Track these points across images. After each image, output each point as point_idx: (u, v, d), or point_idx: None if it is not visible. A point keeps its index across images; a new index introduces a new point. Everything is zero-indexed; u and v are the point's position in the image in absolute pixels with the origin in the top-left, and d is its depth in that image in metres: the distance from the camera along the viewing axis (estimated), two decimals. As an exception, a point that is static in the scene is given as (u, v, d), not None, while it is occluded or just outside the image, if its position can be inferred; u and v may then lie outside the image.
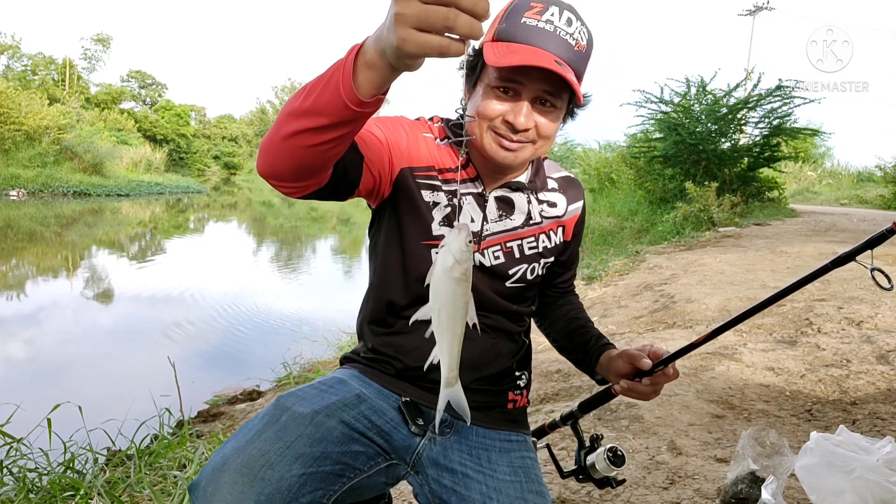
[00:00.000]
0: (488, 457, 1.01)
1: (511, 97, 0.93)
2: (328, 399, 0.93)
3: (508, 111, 0.93)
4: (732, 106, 12.86)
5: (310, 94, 0.72)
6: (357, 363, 1.10)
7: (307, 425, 0.86)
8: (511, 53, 0.89)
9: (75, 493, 1.93)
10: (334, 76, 0.69)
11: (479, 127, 0.96)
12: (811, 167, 24.62)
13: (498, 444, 1.04)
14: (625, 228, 12.25)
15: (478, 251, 1.02)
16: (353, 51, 0.69)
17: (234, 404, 3.75)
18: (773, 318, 3.74)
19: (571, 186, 1.14)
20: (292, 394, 0.93)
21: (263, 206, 25.15)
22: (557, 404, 2.59)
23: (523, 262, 1.07)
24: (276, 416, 0.87)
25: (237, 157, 52.72)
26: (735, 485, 1.55)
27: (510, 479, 0.97)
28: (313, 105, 0.71)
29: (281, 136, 0.76)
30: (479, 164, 1.04)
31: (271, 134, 0.78)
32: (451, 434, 1.03)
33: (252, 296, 7.23)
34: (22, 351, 4.79)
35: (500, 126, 0.94)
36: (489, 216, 1.03)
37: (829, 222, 10.26)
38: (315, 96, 0.71)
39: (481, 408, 1.06)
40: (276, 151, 0.77)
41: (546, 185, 1.11)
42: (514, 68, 0.90)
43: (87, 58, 41.39)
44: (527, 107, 0.93)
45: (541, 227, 1.08)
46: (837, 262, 1.03)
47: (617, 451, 1.13)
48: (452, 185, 1.01)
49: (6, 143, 20.15)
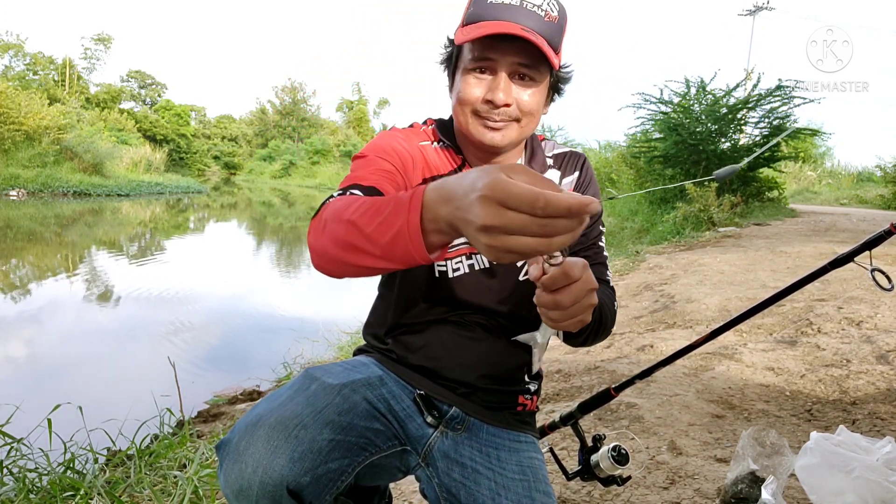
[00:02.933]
0: (498, 455, 1.01)
1: (487, 74, 0.92)
2: (354, 376, 0.93)
3: (486, 90, 0.92)
4: (732, 106, 12.86)
5: (372, 239, 0.66)
6: (373, 353, 1.10)
7: (336, 395, 0.86)
8: (478, 29, 0.88)
9: (75, 493, 1.93)
10: (400, 237, 0.62)
11: (462, 114, 0.95)
12: (811, 167, 24.63)
13: (507, 443, 1.05)
14: (625, 228, 12.26)
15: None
16: (415, 208, 0.60)
17: (235, 404, 3.75)
18: (773, 318, 3.75)
19: (568, 160, 1.10)
20: (320, 367, 0.93)
21: (263, 206, 25.15)
22: (558, 405, 2.59)
23: None
24: (305, 384, 0.88)
25: (237, 157, 52.74)
26: (735, 485, 1.55)
27: (519, 478, 0.97)
28: (380, 253, 0.65)
29: (338, 259, 0.73)
30: (474, 161, 1.03)
31: (326, 246, 0.74)
32: (462, 430, 1.03)
33: (252, 296, 7.23)
34: (22, 351, 4.79)
35: (482, 107, 0.93)
36: None
37: (829, 222, 10.26)
38: (381, 246, 0.65)
39: (492, 407, 1.07)
40: (332, 265, 0.76)
41: (545, 166, 1.08)
42: (484, 44, 0.89)
43: (87, 57, 41.42)
44: (504, 80, 0.91)
45: None
46: (837, 263, 1.03)
47: (620, 450, 1.14)
48: None
49: (6, 143, 20.14)
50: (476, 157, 1.02)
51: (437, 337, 1.05)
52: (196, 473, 2.00)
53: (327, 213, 0.77)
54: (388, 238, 0.63)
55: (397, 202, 0.64)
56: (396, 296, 1.06)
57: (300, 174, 44.34)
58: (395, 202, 0.64)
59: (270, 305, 6.66)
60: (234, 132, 56.11)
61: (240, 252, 11.87)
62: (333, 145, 46.62)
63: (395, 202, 0.64)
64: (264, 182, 43.40)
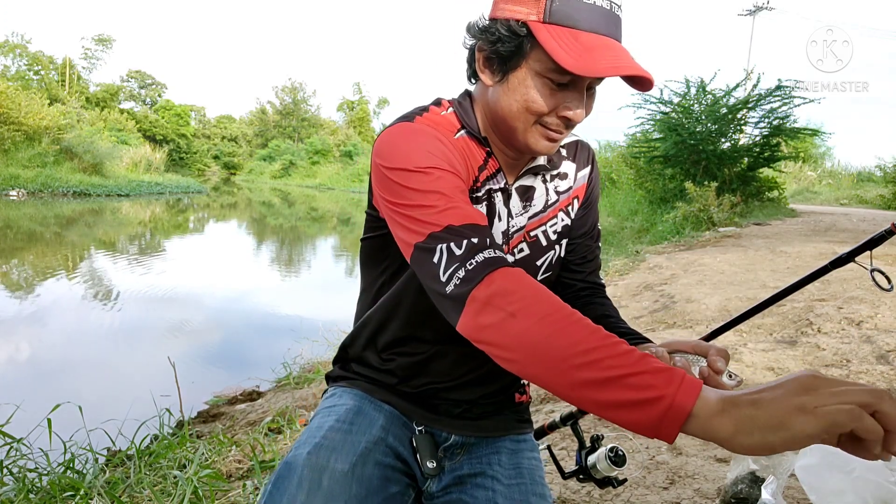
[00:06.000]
0: (498, 459, 1.00)
1: (564, 89, 0.80)
2: (358, 441, 0.86)
3: (562, 105, 0.81)
4: (732, 106, 12.86)
5: (597, 399, 0.56)
6: (354, 380, 1.02)
7: (351, 483, 0.79)
8: (589, 53, 0.74)
9: (75, 493, 1.93)
10: (643, 427, 0.54)
11: (522, 121, 0.83)
12: (811, 167, 24.63)
13: (506, 446, 1.04)
14: (625, 228, 12.26)
15: (508, 252, 0.93)
16: (681, 414, 0.52)
17: (235, 404, 3.75)
18: (773, 318, 3.75)
19: (580, 150, 1.02)
20: (319, 445, 0.81)
21: (263, 206, 25.15)
22: (558, 404, 2.59)
23: (550, 248, 0.97)
24: (316, 479, 0.76)
25: (237, 157, 52.77)
26: (735, 485, 1.55)
27: (515, 483, 0.97)
28: (610, 413, 0.56)
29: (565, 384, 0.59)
30: (500, 156, 0.92)
31: (500, 322, 0.63)
32: (462, 455, 1.02)
33: (252, 296, 7.23)
34: (22, 351, 4.79)
35: (553, 121, 0.82)
36: (513, 210, 0.93)
37: (829, 222, 10.26)
38: (607, 410, 0.56)
39: (491, 415, 1.05)
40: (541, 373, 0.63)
41: (560, 156, 0.99)
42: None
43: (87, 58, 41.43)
44: (584, 97, 0.82)
45: (559, 204, 0.97)
46: (837, 263, 1.03)
47: (618, 451, 1.13)
48: (487, 185, 0.90)
49: (6, 143, 20.15)
50: (501, 151, 0.91)
51: (441, 357, 0.97)
52: (196, 473, 2.00)
53: (505, 298, 0.64)
54: (623, 419, 0.55)
55: (665, 378, 0.54)
56: (408, 310, 0.95)
57: (300, 174, 44.36)
58: (658, 391, 0.53)
59: (270, 305, 6.67)
60: (234, 132, 56.12)
61: (240, 252, 11.87)
62: (334, 145, 46.61)
63: (658, 391, 0.53)
64: (264, 182, 43.40)
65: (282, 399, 3.57)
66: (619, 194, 15.34)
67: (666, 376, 0.54)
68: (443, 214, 0.73)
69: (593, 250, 1.04)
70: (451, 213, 0.73)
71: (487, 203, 0.90)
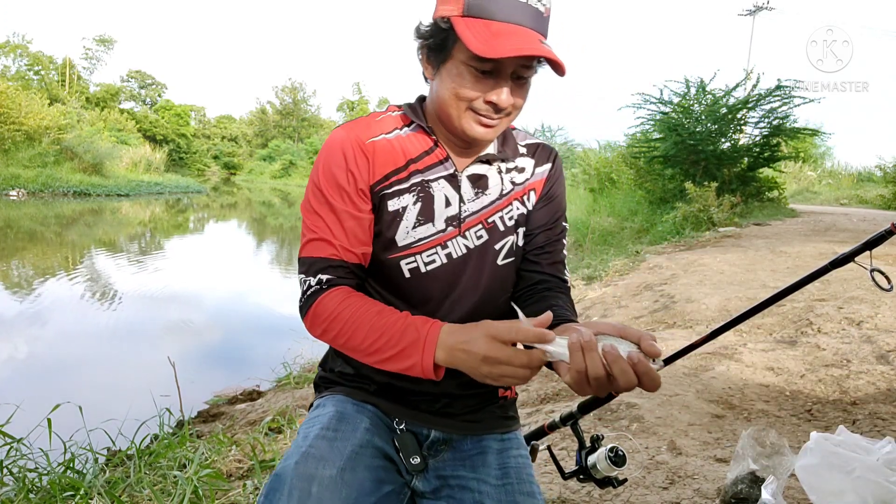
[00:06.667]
0: (484, 460, 1.00)
1: (489, 77, 0.89)
2: (344, 447, 0.88)
3: (489, 91, 0.89)
4: (732, 106, 12.86)
5: (384, 364, 0.86)
6: (338, 385, 1.06)
7: (341, 488, 0.81)
8: (496, 38, 0.83)
9: (75, 493, 1.93)
10: (413, 370, 0.83)
11: (455, 108, 0.91)
12: (811, 167, 24.63)
13: (491, 445, 1.04)
14: (625, 228, 12.25)
15: (460, 234, 0.99)
16: (429, 350, 0.82)
17: (235, 404, 3.75)
18: (773, 318, 3.75)
19: (541, 150, 1.09)
20: (306, 454, 0.84)
21: (263, 206, 25.15)
22: (557, 404, 2.59)
23: (508, 234, 1.02)
24: (305, 489, 0.79)
25: (237, 157, 52.75)
26: (735, 485, 1.55)
27: (501, 483, 0.96)
28: (388, 370, 0.87)
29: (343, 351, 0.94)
30: (447, 144, 1.00)
31: (329, 342, 0.94)
32: (446, 451, 1.03)
33: (252, 295, 7.23)
34: (22, 351, 4.79)
35: (482, 106, 0.90)
36: (465, 196, 0.99)
37: (829, 222, 10.26)
38: (393, 368, 0.86)
39: (475, 410, 1.06)
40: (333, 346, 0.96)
41: (517, 153, 1.06)
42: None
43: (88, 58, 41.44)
44: (508, 84, 0.89)
45: (514, 193, 1.04)
46: (837, 263, 1.03)
47: (618, 452, 1.13)
48: (419, 176, 0.98)
49: (6, 143, 20.15)
50: (449, 141, 1.00)
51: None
52: (196, 473, 2.00)
53: (328, 320, 0.90)
54: (400, 368, 0.84)
55: (410, 341, 0.83)
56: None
57: (300, 174, 44.31)
58: (409, 341, 0.83)
59: (270, 305, 6.67)
60: (234, 132, 56.14)
61: (240, 252, 11.87)
62: (333, 145, 46.39)
63: (409, 341, 0.83)
64: (264, 182, 43.40)
65: (282, 399, 3.57)
66: (619, 194, 15.33)
67: (417, 346, 0.82)
68: (308, 245, 0.96)
69: (553, 244, 1.07)
70: (311, 246, 0.95)
71: (421, 190, 0.98)
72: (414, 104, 1.03)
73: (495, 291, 1.02)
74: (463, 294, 1.00)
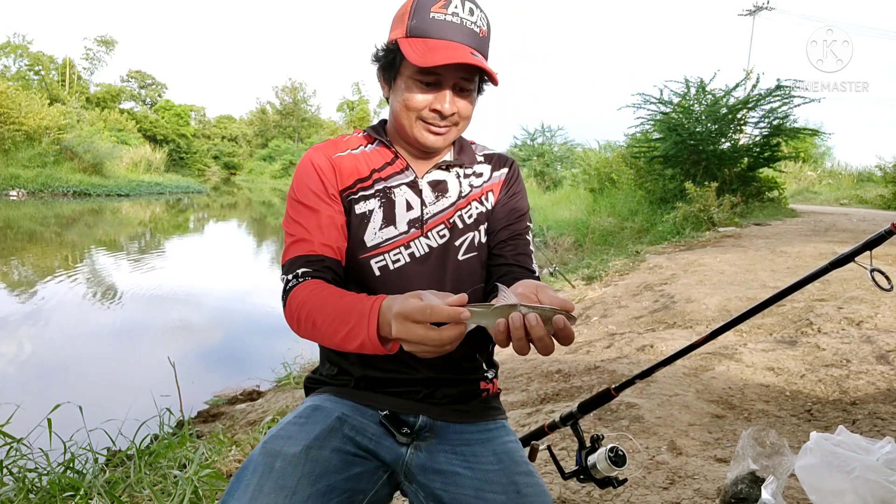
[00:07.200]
0: (472, 451, 1.02)
1: (433, 88, 1.01)
2: (313, 430, 0.94)
3: (433, 101, 1.01)
4: (732, 106, 12.87)
5: (342, 346, 0.88)
6: (325, 385, 1.12)
7: (304, 464, 0.87)
8: (431, 51, 0.96)
9: (75, 493, 1.93)
10: (364, 347, 0.85)
11: (406, 118, 1.03)
12: (811, 167, 24.63)
13: (478, 435, 1.06)
14: (625, 228, 12.26)
15: (422, 235, 1.08)
16: (373, 323, 0.83)
17: (235, 404, 3.75)
18: (773, 318, 3.75)
19: (498, 158, 1.20)
20: (275, 436, 0.92)
21: (263, 206, 25.16)
22: (557, 405, 2.59)
23: (468, 231, 1.11)
24: (269, 464, 0.86)
25: (237, 157, 52.75)
26: (735, 485, 1.55)
27: (497, 468, 0.98)
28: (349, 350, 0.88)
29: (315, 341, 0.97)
30: (406, 155, 1.11)
31: (304, 335, 0.97)
32: (432, 438, 1.04)
33: (252, 296, 7.24)
34: (22, 351, 4.79)
35: (429, 115, 1.02)
36: (426, 200, 1.09)
37: (829, 222, 10.27)
38: (350, 348, 0.87)
39: (457, 401, 1.09)
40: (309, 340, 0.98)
41: (474, 160, 1.17)
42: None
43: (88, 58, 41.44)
44: (449, 95, 1.01)
45: (472, 195, 1.14)
46: (837, 263, 1.03)
47: (618, 452, 1.13)
48: (382, 183, 1.08)
49: (6, 143, 20.16)
50: (408, 153, 1.11)
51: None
52: (196, 473, 2.00)
53: (297, 309, 0.95)
54: (353, 346, 0.86)
55: (359, 316, 0.85)
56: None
57: (300, 174, 44.22)
58: (357, 316, 0.85)
59: (270, 305, 6.66)
60: (234, 132, 56.13)
61: (240, 252, 11.88)
62: (334, 145, 46.46)
63: (357, 316, 0.85)
64: (264, 182, 43.40)
65: (282, 399, 3.57)
66: (619, 194, 15.33)
67: (363, 321, 0.84)
68: (297, 250, 1.02)
69: (515, 238, 1.15)
70: (290, 249, 1.03)
71: (383, 196, 1.08)
72: (377, 125, 1.17)
73: (462, 286, 1.09)
74: (429, 289, 1.02)
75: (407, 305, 0.76)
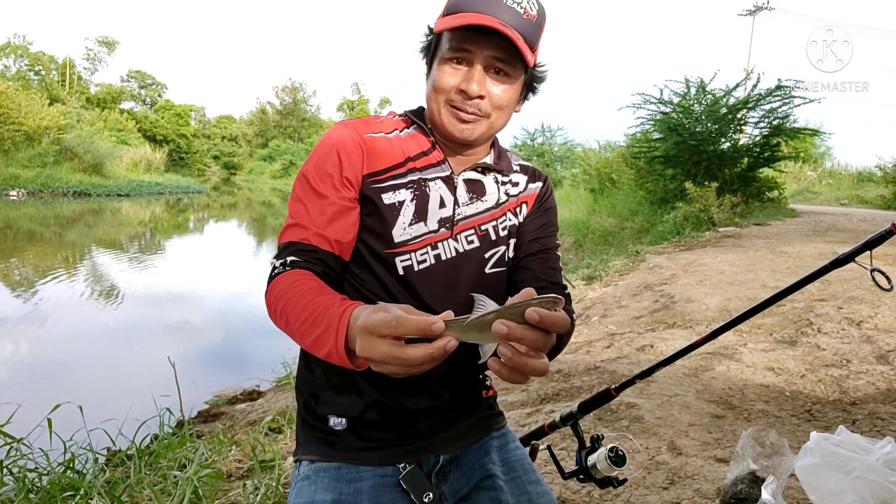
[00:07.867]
0: (490, 459, 1.02)
1: (464, 65, 0.92)
2: None
3: (462, 80, 0.92)
4: (732, 106, 12.86)
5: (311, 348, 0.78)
6: (328, 446, 0.99)
7: None
8: (455, 20, 0.89)
9: (75, 493, 1.93)
10: (331, 357, 0.74)
11: (435, 101, 0.95)
12: (811, 167, 24.63)
13: (488, 445, 1.06)
14: (625, 228, 12.26)
15: (451, 237, 0.99)
16: (341, 336, 0.72)
17: (235, 404, 3.75)
18: (773, 318, 3.75)
19: (535, 172, 1.13)
20: None
21: (263, 206, 25.15)
22: (557, 405, 2.59)
23: (500, 244, 1.03)
24: None
25: (237, 157, 52.74)
26: (735, 485, 1.55)
27: (510, 478, 0.99)
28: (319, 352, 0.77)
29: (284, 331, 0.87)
30: (444, 148, 1.02)
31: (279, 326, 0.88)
32: (454, 471, 1.02)
33: (252, 295, 7.23)
34: (22, 351, 4.79)
35: (456, 97, 0.93)
36: (460, 199, 1.00)
37: (829, 222, 10.26)
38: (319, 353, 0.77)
39: (466, 414, 1.06)
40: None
41: (511, 169, 1.10)
42: (462, 35, 0.90)
43: (89, 59, 41.46)
44: (479, 72, 0.91)
45: (508, 204, 1.06)
46: (837, 263, 1.03)
47: (618, 452, 1.13)
48: (417, 174, 0.98)
49: (6, 143, 20.15)
50: (445, 145, 1.02)
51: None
52: (196, 473, 2.00)
53: (275, 300, 0.87)
54: (322, 354, 0.76)
55: (328, 324, 0.74)
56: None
57: (300, 174, 44.24)
58: (327, 323, 0.74)
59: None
60: (234, 132, 56.13)
61: (240, 252, 11.87)
62: (334, 145, 46.42)
63: (327, 323, 0.74)
64: (264, 182, 43.41)
65: (282, 399, 3.57)
66: (620, 194, 15.34)
67: (331, 331, 0.73)
68: (293, 235, 0.95)
69: (546, 251, 1.08)
70: (287, 232, 0.96)
71: (417, 188, 0.99)
72: (416, 109, 1.06)
73: (492, 296, 1.01)
74: (449, 297, 0.98)
75: (370, 318, 0.64)
